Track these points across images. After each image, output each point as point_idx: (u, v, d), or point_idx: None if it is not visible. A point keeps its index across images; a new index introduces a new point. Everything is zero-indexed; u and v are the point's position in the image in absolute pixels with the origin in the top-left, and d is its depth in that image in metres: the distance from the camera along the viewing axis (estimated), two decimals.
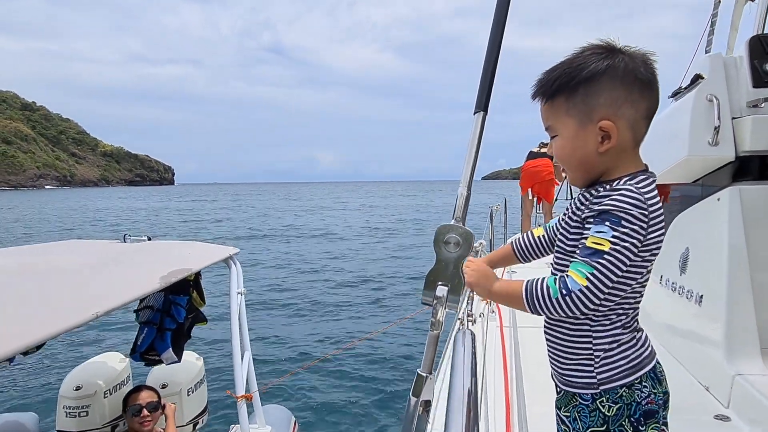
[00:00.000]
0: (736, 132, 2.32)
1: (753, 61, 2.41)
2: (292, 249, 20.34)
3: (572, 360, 1.17)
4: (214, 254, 3.70)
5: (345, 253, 19.19)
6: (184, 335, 3.70)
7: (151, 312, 3.60)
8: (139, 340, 3.59)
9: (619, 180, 1.11)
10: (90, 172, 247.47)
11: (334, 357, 7.61)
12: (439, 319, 0.99)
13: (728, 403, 2.10)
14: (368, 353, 8.22)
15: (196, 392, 4.12)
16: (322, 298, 12.07)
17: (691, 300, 2.56)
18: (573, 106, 1.12)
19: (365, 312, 10.84)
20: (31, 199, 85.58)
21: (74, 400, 3.74)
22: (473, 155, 1.02)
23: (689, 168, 2.50)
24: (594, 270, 1.03)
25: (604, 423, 1.13)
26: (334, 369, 7.49)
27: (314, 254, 18.90)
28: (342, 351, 7.05)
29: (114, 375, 4.00)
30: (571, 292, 1.04)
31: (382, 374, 7.34)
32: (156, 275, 2.63)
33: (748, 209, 2.28)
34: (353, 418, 6.14)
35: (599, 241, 1.04)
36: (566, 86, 1.12)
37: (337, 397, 6.60)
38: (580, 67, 1.11)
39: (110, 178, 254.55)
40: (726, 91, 2.37)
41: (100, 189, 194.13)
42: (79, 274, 2.53)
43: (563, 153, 1.17)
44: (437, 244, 1.00)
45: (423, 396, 1.00)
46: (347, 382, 7.06)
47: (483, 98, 1.01)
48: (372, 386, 6.90)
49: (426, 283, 1.01)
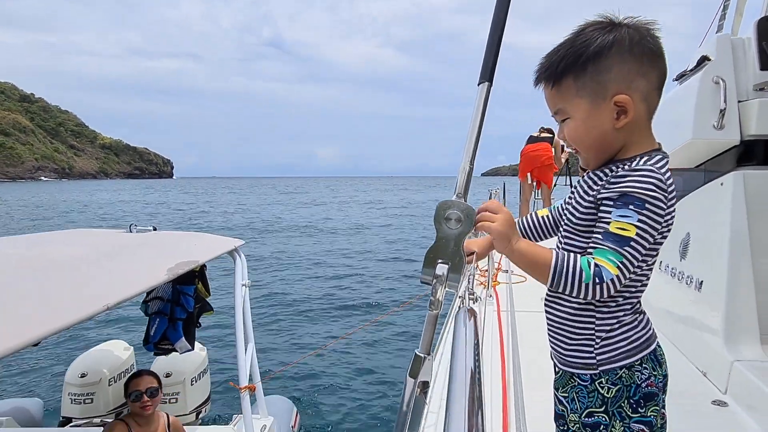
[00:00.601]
0: (742, 115, 2.28)
1: (761, 42, 2.36)
2: (292, 243, 20.28)
3: (573, 339, 1.15)
4: (220, 246, 3.72)
5: (345, 246, 19.19)
6: (194, 324, 3.78)
7: (161, 303, 3.67)
8: (152, 331, 3.66)
9: (638, 159, 1.07)
10: (88, 164, 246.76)
11: (334, 348, 7.64)
12: (439, 298, 0.95)
13: (726, 389, 2.09)
14: (369, 342, 8.26)
15: (200, 381, 4.21)
16: (320, 291, 12.09)
17: (691, 286, 2.54)
18: (583, 86, 1.08)
19: (362, 304, 10.87)
20: (30, 191, 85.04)
21: (79, 387, 3.85)
22: (477, 128, 0.97)
23: (693, 151, 2.46)
24: (624, 258, 1.01)
25: (602, 404, 1.11)
26: (334, 359, 7.54)
27: (313, 248, 18.88)
28: (345, 338, 7.01)
29: (118, 363, 4.10)
30: (604, 281, 1.01)
31: (383, 361, 7.39)
32: (164, 267, 2.64)
33: (752, 194, 2.25)
34: (354, 406, 6.19)
35: (624, 226, 1.01)
36: (573, 66, 1.07)
37: (337, 387, 6.65)
38: (585, 44, 1.06)
39: (109, 171, 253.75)
40: (733, 73, 2.32)
41: (99, 181, 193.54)
42: (88, 265, 2.53)
43: (577, 134, 1.12)
44: (437, 221, 0.96)
45: (421, 377, 0.96)
46: (347, 371, 7.11)
47: (488, 68, 0.96)
48: (373, 375, 6.95)
49: (425, 261, 0.97)
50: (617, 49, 1.05)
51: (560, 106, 1.13)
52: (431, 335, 0.98)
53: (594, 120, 1.09)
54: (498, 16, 0.98)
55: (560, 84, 1.10)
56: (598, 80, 1.07)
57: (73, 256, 2.65)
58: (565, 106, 1.12)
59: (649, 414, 1.10)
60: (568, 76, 1.09)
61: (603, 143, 1.11)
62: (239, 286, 3.76)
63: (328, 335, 8.45)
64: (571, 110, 1.11)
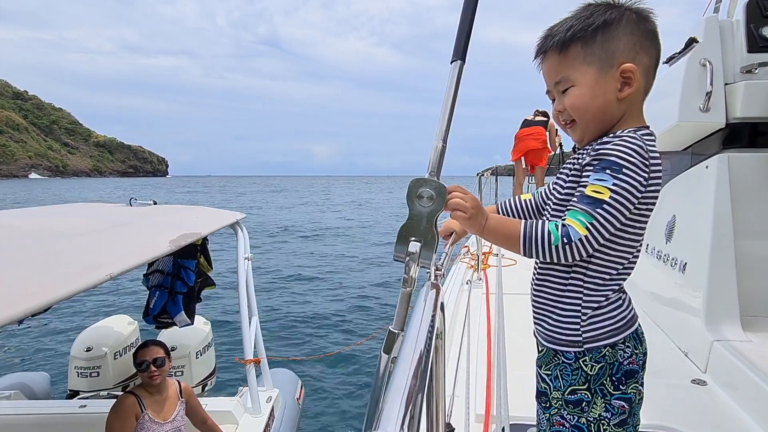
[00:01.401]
0: (728, 98, 2.28)
1: (749, 24, 2.35)
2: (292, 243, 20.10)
3: (559, 316, 1.17)
4: (222, 219, 3.72)
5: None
6: (194, 298, 3.80)
7: (161, 276, 3.68)
8: (151, 304, 3.68)
9: (624, 132, 1.10)
10: (82, 162, 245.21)
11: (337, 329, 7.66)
12: (412, 275, 0.96)
13: (705, 368, 2.13)
14: (370, 311, 8.25)
15: (204, 355, 4.27)
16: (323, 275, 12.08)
17: (675, 268, 2.57)
18: (591, 54, 1.10)
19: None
20: (25, 187, 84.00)
21: (85, 361, 3.92)
22: (449, 106, 0.97)
23: (679, 134, 2.47)
24: (593, 220, 1.02)
25: (585, 382, 1.13)
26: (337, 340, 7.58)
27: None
28: (361, 343, 7.02)
29: (123, 337, 4.15)
30: (572, 241, 1.02)
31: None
32: (166, 238, 2.64)
33: (736, 177, 2.26)
34: (358, 383, 6.27)
35: (599, 189, 1.02)
36: (583, 33, 1.10)
37: (341, 361, 6.73)
38: (593, 16, 1.10)
39: (103, 169, 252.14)
40: (720, 55, 2.31)
41: (93, 179, 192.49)
42: (91, 236, 2.53)
43: (582, 102, 1.12)
44: (410, 199, 0.96)
45: (394, 353, 0.98)
46: (351, 349, 7.20)
47: (461, 46, 0.96)
48: (375, 351, 7.05)
49: (398, 238, 0.97)
50: (626, 22, 1.10)
51: (564, 74, 1.13)
52: (405, 312, 1.00)
53: (600, 88, 1.11)
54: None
55: (567, 51, 1.12)
56: (606, 48, 1.09)
57: (75, 227, 2.67)
58: (571, 74, 1.12)
59: (629, 391, 1.13)
60: (576, 43, 1.10)
61: (605, 113, 1.12)
62: (242, 260, 3.79)
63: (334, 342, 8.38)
64: (577, 77, 1.12)
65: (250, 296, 3.86)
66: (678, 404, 1.94)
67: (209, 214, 3.97)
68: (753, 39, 2.31)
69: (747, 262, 2.23)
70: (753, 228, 2.25)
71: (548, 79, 1.18)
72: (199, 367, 4.19)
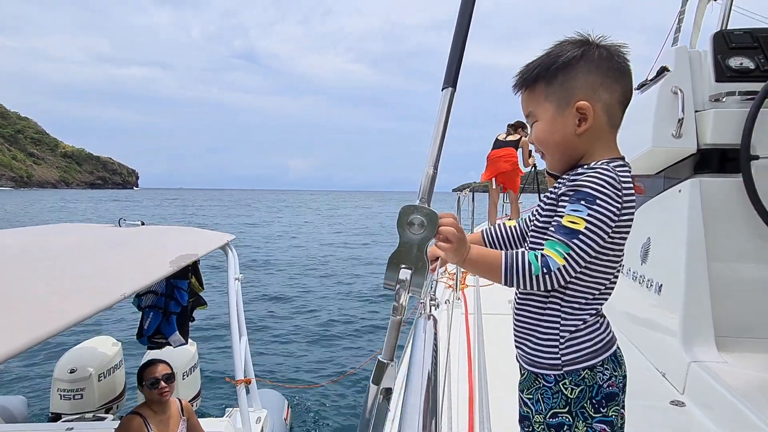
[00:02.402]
0: (699, 125, 2.36)
1: (717, 55, 2.46)
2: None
3: (539, 340, 1.18)
4: (214, 241, 3.74)
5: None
6: (188, 318, 3.82)
7: (155, 296, 3.67)
8: (146, 325, 3.67)
9: (597, 163, 1.14)
10: (48, 173, 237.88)
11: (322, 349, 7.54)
12: (402, 303, 0.95)
13: (683, 389, 2.16)
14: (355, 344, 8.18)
15: (191, 376, 4.24)
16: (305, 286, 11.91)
17: (651, 289, 2.61)
18: (552, 92, 1.18)
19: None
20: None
21: (69, 383, 3.83)
22: (440, 133, 0.97)
23: (653, 159, 2.54)
24: (570, 250, 1.05)
25: (566, 405, 1.14)
26: (323, 357, 7.48)
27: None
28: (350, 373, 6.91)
29: (108, 358, 4.08)
30: (552, 271, 1.05)
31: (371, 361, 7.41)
32: (166, 259, 2.64)
33: (708, 201, 2.33)
34: (341, 403, 6.20)
35: (575, 219, 1.06)
36: (545, 72, 1.18)
37: (326, 384, 6.65)
38: (558, 55, 1.17)
39: (70, 180, 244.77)
40: (690, 84, 2.40)
41: (58, 191, 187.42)
42: (93, 256, 2.50)
43: (543, 136, 1.21)
44: (401, 226, 0.95)
45: (384, 384, 0.96)
46: (335, 366, 7.08)
47: (452, 73, 0.97)
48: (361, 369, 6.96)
49: (388, 266, 0.96)
50: (585, 61, 1.16)
51: (531, 109, 1.23)
52: (395, 341, 0.97)
53: (558, 123, 1.18)
54: (461, 23, 0.99)
55: (534, 88, 1.21)
56: (564, 87, 1.17)
57: (74, 247, 2.64)
58: (534, 109, 1.22)
59: (611, 414, 1.14)
60: (540, 81, 1.19)
61: (565, 147, 1.19)
62: (232, 280, 3.81)
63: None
64: (539, 113, 1.21)
65: (240, 316, 3.85)
66: (657, 426, 1.95)
67: (200, 235, 4.01)
68: (720, 69, 2.41)
69: (720, 283, 2.29)
70: (725, 250, 2.31)
71: (523, 112, 1.27)
72: (185, 388, 4.16)
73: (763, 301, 2.32)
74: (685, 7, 4.61)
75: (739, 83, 2.34)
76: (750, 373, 2.05)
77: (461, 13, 0.97)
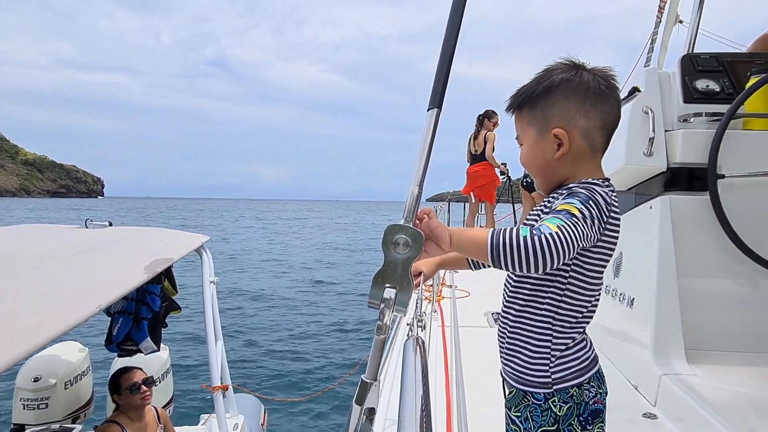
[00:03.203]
0: (668, 144, 2.44)
1: (684, 77, 2.55)
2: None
3: (529, 358, 1.19)
4: (189, 243, 3.61)
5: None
6: (160, 324, 3.66)
7: (125, 302, 3.51)
8: (115, 330, 3.51)
9: (584, 179, 1.18)
10: (8, 181, 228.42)
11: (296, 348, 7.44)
12: (386, 323, 0.95)
13: (655, 402, 2.21)
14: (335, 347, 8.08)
15: (163, 382, 4.06)
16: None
17: (624, 303, 2.68)
18: (534, 117, 1.22)
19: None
20: None
21: (32, 392, 3.58)
22: (425, 153, 0.99)
23: (625, 176, 2.61)
24: (565, 223, 0.99)
25: (555, 423, 1.16)
26: (302, 366, 7.38)
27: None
28: (336, 385, 6.81)
29: (74, 366, 3.83)
30: (542, 233, 0.96)
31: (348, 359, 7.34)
32: (140, 264, 2.50)
33: (678, 218, 2.41)
34: (320, 409, 6.13)
35: (568, 207, 1.05)
36: (528, 99, 1.22)
37: (302, 384, 6.55)
38: (540, 81, 1.21)
39: (31, 189, 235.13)
40: (660, 104, 2.49)
41: (18, 200, 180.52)
42: (61, 263, 2.31)
43: (526, 159, 1.28)
44: (386, 245, 0.96)
45: (367, 404, 0.95)
46: (314, 372, 6.98)
47: (438, 94, 0.98)
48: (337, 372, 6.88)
49: (373, 285, 0.96)
50: (563, 89, 1.18)
51: (518, 132, 1.29)
52: (378, 360, 0.97)
53: (538, 148, 1.23)
54: (447, 43, 1.00)
55: (520, 112, 1.26)
56: (544, 114, 1.21)
57: (39, 252, 2.45)
58: (521, 133, 1.28)
59: (596, 430, 1.18)
60: (524, 107, 1.24)
61: (546, 170, 1.24)
62: (207, 283, 3.70)
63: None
64: (524, 137, 1.27)
65: (216, 320, 3.74)
66: None
67: (173, 236, 3.85)
68: (688, 91, 2.51)
69: (689, 297, 2.36)
70: (694, 265, 2.39)
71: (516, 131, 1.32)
72: (158, 394, 4.00)
73: (729, 314, 2.40)
74: (658, 29, 4.80)
75: (706, 105, 2.43)
76: (718, 385, 2.11)
77: (447, 35, 0.98)
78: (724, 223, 2.29)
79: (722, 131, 2.26)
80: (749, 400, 2.01)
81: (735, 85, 2.51)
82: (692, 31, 3.68)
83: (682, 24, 4.62)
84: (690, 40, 3.48)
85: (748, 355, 2.35)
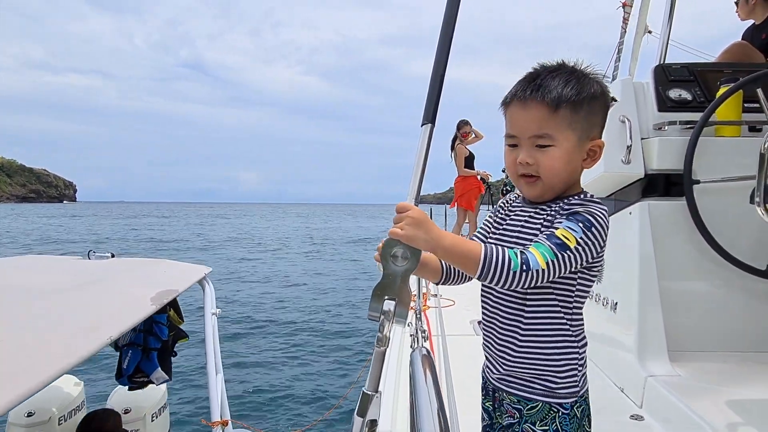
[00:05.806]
0: (645, 152, 2.52)
1: (657, 87, 2.64)
2: None
3: (562, 369, 1.19)
4: (191, 274, 3.62)
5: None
6: (169, 352, 3.67)
7: (132, 333, 3.47)
8: (125, 363, 3.48)
9: (585, 194, 1.19)
10: None
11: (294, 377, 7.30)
12: (386, 334, 0.96)
13: (641, 403, 2.25)
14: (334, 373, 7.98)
15: (160, 417, 3.99)
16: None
17: (607, 307, 2.73)
18: (576, 121, 1.13)
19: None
20: None
21: (26, 428, 3.47)
22: (420, 168, 1.01)
23: (605, 183, 2.68)
24: (555, 259, 1.05)
25: (578, 427, 1.20)
26: (300, 392, 7.27)
27: None
28: (331, 411, 6.69)
29: (70, 399, 3.74)
30: (531, 269, 1.03)
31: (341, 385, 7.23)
32: (147, 296, 2.50)
33: (656, 223, 2.48)
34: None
35: (568, 235, 1.07)
36: (575, 98, 1.11)
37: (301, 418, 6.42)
38: (584, 82, 1.13)
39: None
40: (636, 113, 2.57)
41: None
42: (69, 295, 2.29)
43: (559, 164, 1.14)
44: (384, 258, 0.97)
45: (369, 416, 0.96)
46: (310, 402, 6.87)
47: (431, 110, 1.00)
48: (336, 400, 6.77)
49: (372, 297, 0.97)
50: (604, 100, 1.18)
51: (549, 131, 1.12)
52: (379, 372, 0.98)
53: (576, 155, 1.16)
54: (439, 59, 1.03)
55: (558, 110, 1.11)
56: (589, 120, 1.15)
57: (48, 285, 2.42)
58: (555, 134, 1.12)
59: (590, 427, 1.25)
60: (567, 106, 1.11)
61: (571, 178, 1.19)
62: (209, 315, 3.66)
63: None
64: (560, 139, 1.12)
65: (216, 353, 3.68)
66: None
67: (176, 268, 3.85)
68: (662, 100, 2.60)
69: (670, 300, 2.43)
70: (673, 269, 2.46)
71: (524, 129, 1.14)
72: (154, 430, 3.91)
73: (708, 315, 2.47)
74: (623, 39, 4.97)
75: (679, 113, 2.52)
76: (702, 385, 2.17)
77: (439, 51, 1.01)
78: (701, 227, 2.37)
79: (696, 138, 2.34)
80: (732, 400, 2.07)
81: (706, 94, 2.61)
82: (663, 42, 3.81)
83: (651, 34, 4.79)
84: (661, 50, 3.61)
85: (727, 354, 2.43)
